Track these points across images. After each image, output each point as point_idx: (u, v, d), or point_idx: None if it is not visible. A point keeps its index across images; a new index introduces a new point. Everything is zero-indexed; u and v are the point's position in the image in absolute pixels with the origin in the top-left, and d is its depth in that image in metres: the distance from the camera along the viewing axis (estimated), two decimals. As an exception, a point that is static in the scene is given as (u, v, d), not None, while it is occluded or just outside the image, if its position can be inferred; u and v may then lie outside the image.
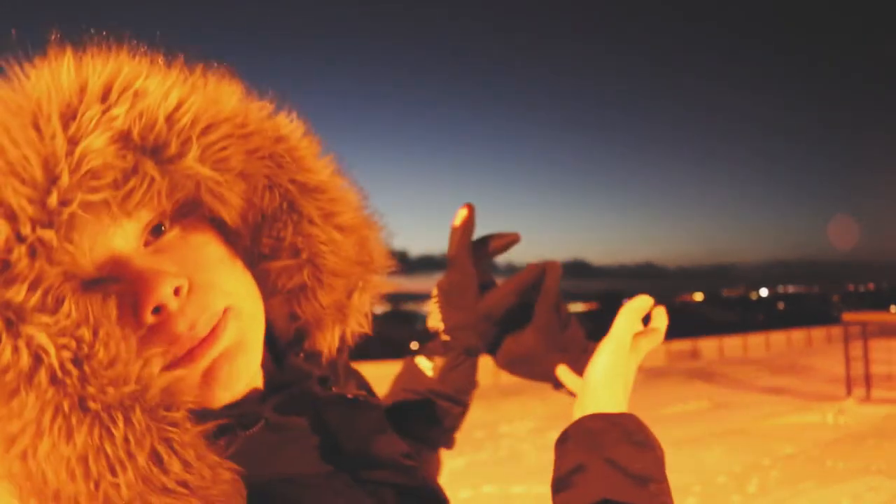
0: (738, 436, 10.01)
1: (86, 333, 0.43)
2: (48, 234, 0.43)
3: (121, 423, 0.43)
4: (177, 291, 0.49)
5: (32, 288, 0.42)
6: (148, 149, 0.46)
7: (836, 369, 16.54)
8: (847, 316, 15.84)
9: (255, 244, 0.60)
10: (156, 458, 0.44)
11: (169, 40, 0.54)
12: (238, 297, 0.55)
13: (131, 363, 0.44)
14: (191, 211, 0.54)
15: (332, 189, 0.62)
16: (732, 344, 27.20)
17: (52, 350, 0.41)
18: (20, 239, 0.42)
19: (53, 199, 0.43)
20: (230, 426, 0.52)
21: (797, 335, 29.52)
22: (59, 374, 0.42)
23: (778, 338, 28.79)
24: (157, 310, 0.48)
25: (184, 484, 0.44)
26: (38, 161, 0.43)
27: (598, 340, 0.82)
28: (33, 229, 0.42)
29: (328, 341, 0.66)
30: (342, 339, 0.68)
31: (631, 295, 0.86)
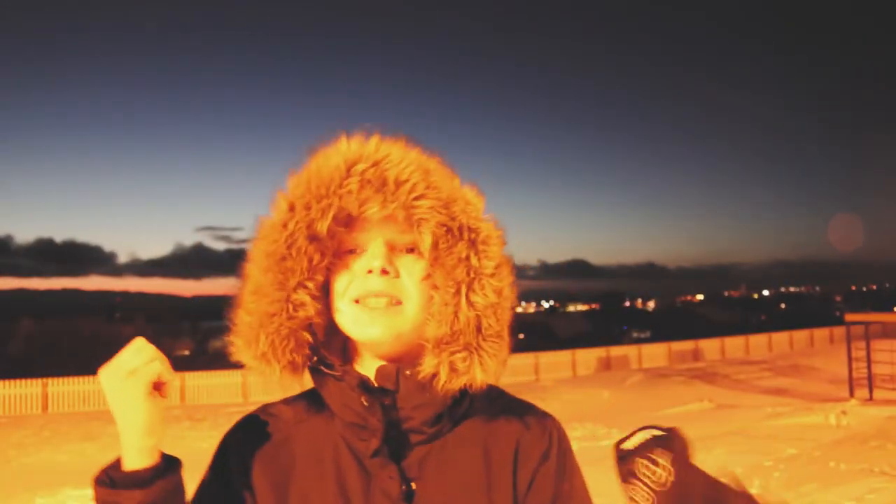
0: (740, 437, 9.98)
1: (291, 252, 0.86)
2: (313, 206, 0.86)
3: (271, 292, 0.86)
4: (383, 271, 0.86)
5: (297, 219, 0.87)
6: (378, 190, 0.86)
7: (839, 370, 16.53)
8: (849, 316, 15.80)
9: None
10: (268, 316, 0.86)
11: (417, 133, 0.94)
12: (410, 301, 0.87)
13: (297, 272, 0.86)
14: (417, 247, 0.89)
15: (491, 270, 0.87)
16: (734, 344, 27.20)
17: (281, 250, 0.87)
18: (305, 206, 0.87)
19: (323, 193, 0.87)
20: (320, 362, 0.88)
21: (799, 336, 29.49)
22: (284, 255, 0.86)
23: (780, 338, 28.77)
24: (370, 272, 0.86)
25: (266, 340, 0.86)
26: (325, 181, 0.87)
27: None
28: (310, 203, 0.87)
29: (422, 369, 0.85)
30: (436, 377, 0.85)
31: (632, 295, 0.85)
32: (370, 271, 0.86)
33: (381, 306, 0.85)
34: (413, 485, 0.86)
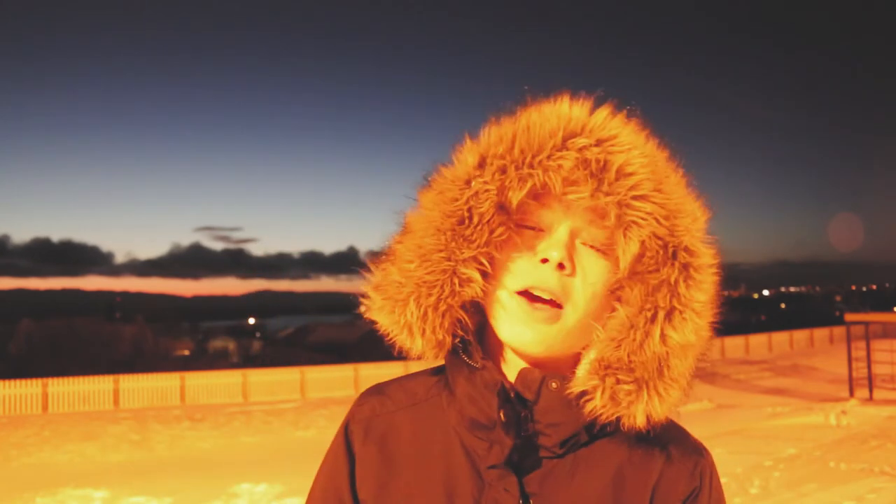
0: (740, 436, 9.96)
1: (472, 217, 0.74)
2: (510, 171, 0.73)
3: (437, 259, 0.74)
4: (560, 266, 0.72)
5: (485, 178, 0.74)
6: (594, 175, 0.71)
7: (839, 370, 16.50)
8: (849, 316, 15.76)
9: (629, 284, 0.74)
10: (427, 285, 0.75)
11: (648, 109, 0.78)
12: (575, 309, 0.73)
13: (473, 242, 0.74)
14: (611, 246, 0.75)
15: (699, 306, 0.73)
16: (734, 344, 27.09)
17: (460, 212, 0.74)
18: (501, 168, 0.74)
19: (528, 160, 0.73)
20: (469, 347, 0.77)
21: (799, 336, 29.37)
22: (463, 218, 0.75)
23: (780, 338, 28.68)
24: (545, 261, 0.73)
25: (418, 311, 0.75)
26: (533, 146, 0.73)
27: None
28: (507, 166, 0.73)
29: (573, 384, 0.73)
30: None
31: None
32: (545, 260, 0.73)
33: (541, 308, 0.73)
34: (531, 502, 0.75)
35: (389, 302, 0.77)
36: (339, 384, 19.47)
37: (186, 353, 52.25)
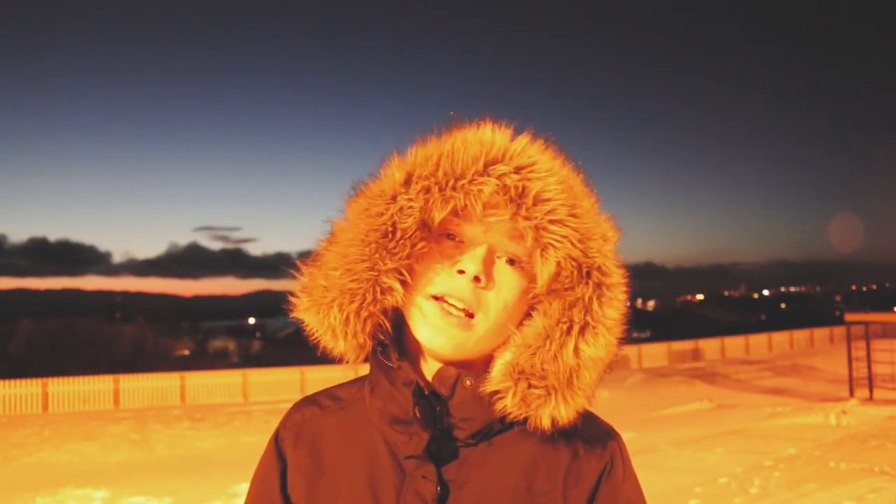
0: (740, 436, 9.95)
1: (395, 233, 0.77)
2: (434, 192, 0.76)
3: (360, 269, 0.77)
4: (476, 279, 0.77)
5: (410, 196, 0.77)
6: (512, 201, 0.76)
7: (839, 370, 16.50)
8: (849, 316, 15.74)
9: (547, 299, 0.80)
10: (350, 292, 0.78)
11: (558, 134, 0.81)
12: (486, 319, 0.78)
13: (395, 255, 0.77)
14: (528, 261, 0.79)
15: (610, 322, 0.79)
16: (734, 344, 27.09)
17: (385, 226, 0.77)
18: (425, 188, 0.77)
19: (451, 184, 0.76)
20: (385, 349, 0.81)
21: (799, 336, 29.35)
22: (387, 233, 0.78)
23: (780, 338, 28.66)
24: (461, 272, 0.77)
25: (341, 315, 0.79)
26: (456, 170, 0.77)
27: None
28: (431, 187, 0.77)
29: (487, 384, 0.78)
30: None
31: (632, 295, 0.84)
32: (461, 272, 0.77)
33: (455, 314, 0.77)
34: (449, 487, 0.79)
35: (315, 304, 0.81)
36: (339, 384, 19.42)
37: (186, 353, 52.25)
